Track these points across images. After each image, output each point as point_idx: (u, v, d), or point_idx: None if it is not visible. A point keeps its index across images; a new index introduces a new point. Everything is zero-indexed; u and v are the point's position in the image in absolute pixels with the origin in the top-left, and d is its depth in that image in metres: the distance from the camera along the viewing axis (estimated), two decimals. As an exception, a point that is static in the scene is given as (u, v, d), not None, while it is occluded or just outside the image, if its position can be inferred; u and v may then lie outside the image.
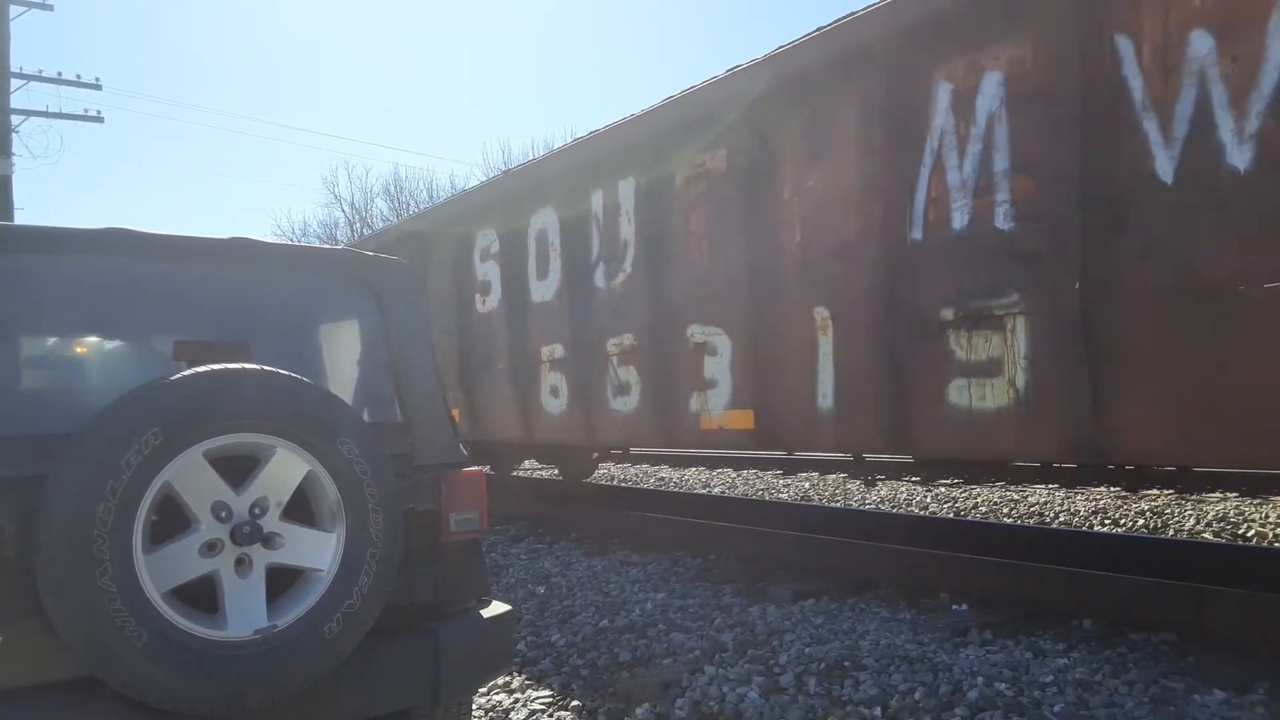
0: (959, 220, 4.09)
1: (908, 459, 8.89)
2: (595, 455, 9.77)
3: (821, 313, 4.72)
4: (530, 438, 7.31)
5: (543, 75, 62.33)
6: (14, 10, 17.19)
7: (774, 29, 59.82)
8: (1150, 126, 3.51)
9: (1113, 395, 3.62)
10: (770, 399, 5.11)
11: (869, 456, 8.33)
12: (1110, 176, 3.58)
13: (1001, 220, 3.94)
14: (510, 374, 7.38)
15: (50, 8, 18.17)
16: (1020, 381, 3.91)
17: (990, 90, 3.97)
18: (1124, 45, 3.59)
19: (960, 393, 4.12)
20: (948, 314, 4.13)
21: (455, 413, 6.07)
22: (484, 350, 7.76)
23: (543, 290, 6.95)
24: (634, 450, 11.30)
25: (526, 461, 16.37)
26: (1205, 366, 3.35)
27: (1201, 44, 3.40)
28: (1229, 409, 3.32)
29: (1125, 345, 3.58)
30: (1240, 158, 3.28)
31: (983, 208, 4.00)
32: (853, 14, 4.59)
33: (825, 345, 4.73)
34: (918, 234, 4.24)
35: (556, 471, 11.50)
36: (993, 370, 4.00)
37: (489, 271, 7.65)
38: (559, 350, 6.78)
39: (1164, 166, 3.47)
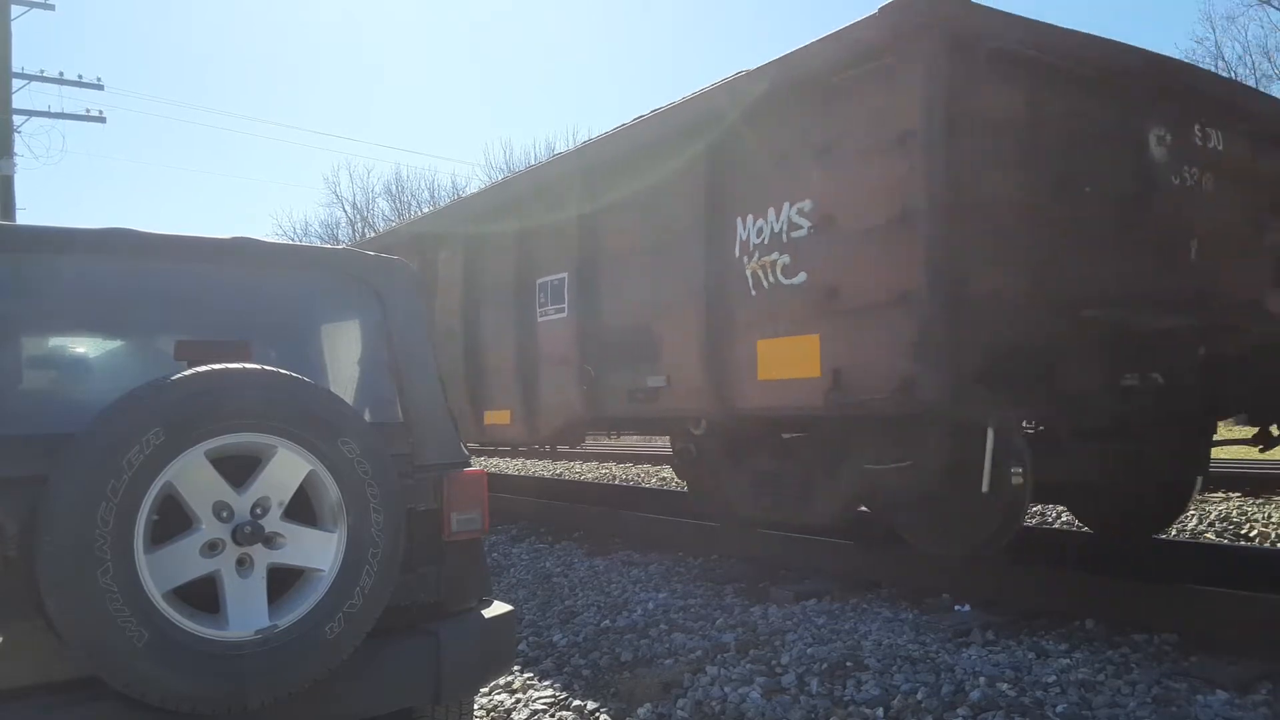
0: None
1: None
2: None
3: None
4: None
5: (546, 75, 62.40)
6: (15, 10, 17.15)
7: (778, 28, 59.84)
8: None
9: (481, 406, 7.71)
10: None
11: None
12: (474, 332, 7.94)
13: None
14: None
15: (52, 7, 18.13)
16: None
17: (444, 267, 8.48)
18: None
19: None
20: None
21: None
22: None
23: None
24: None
25: (526, 461, 16.44)
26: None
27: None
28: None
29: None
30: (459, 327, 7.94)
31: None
32: (419, 217, 11.66)
33: None
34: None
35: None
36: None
37: None
38: None
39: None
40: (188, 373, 2.20)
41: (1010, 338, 4.37)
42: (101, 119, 20.37)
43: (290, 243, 15.90)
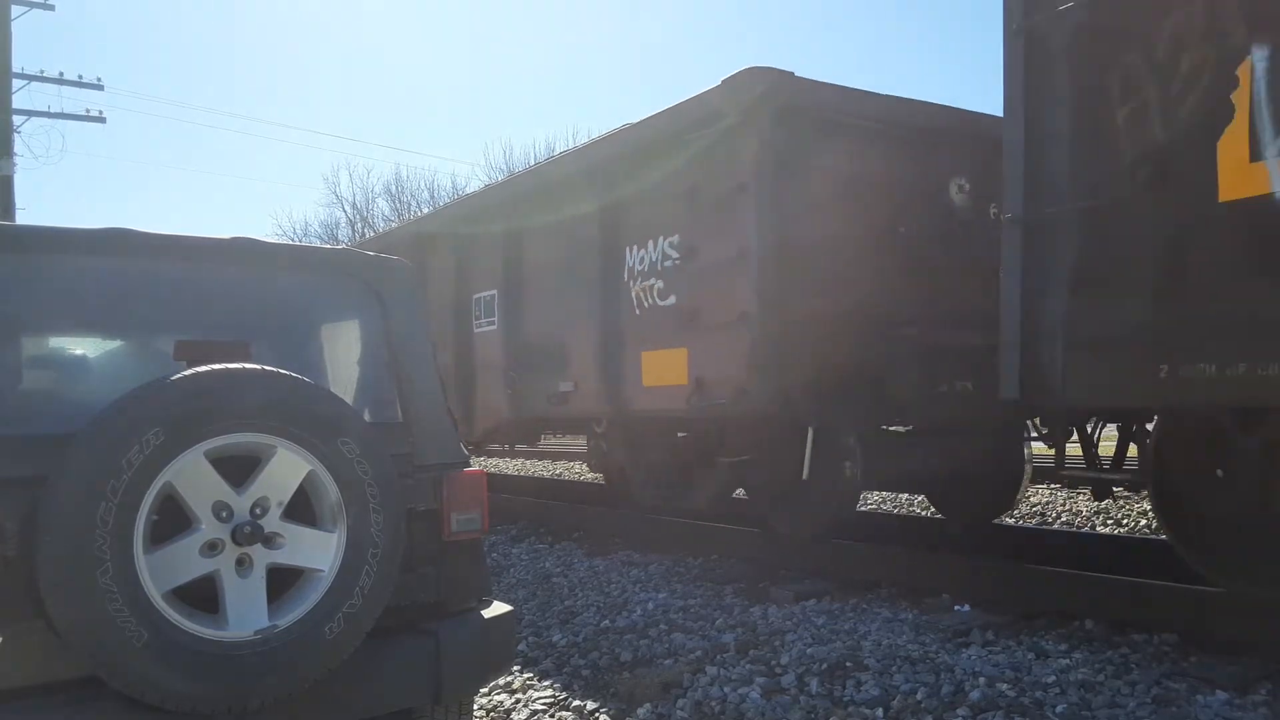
0: None
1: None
2: None
3: None
4: None
5: (546, 75, 62.37)
6: (15, 10, 17.12)
7: (777, 30, 59.79)
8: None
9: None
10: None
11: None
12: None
13: None
14: None
15: (51, 8, 18.12)
16: None
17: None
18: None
19: None
20: None
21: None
22: None
23: None
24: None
25: (526, 461, 16.43)
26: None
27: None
28: None
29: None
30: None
31: None
32: (378, 234, 14.45)
33: None
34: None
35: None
36: None
37: None
38: None
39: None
40: (187, 373, 2.20)
41: (835, 354, 5.30)
42: (101, 119, 20.36)
43: (290, 243, 15.93)
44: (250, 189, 63.77)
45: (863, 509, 8.50)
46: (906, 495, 9.24)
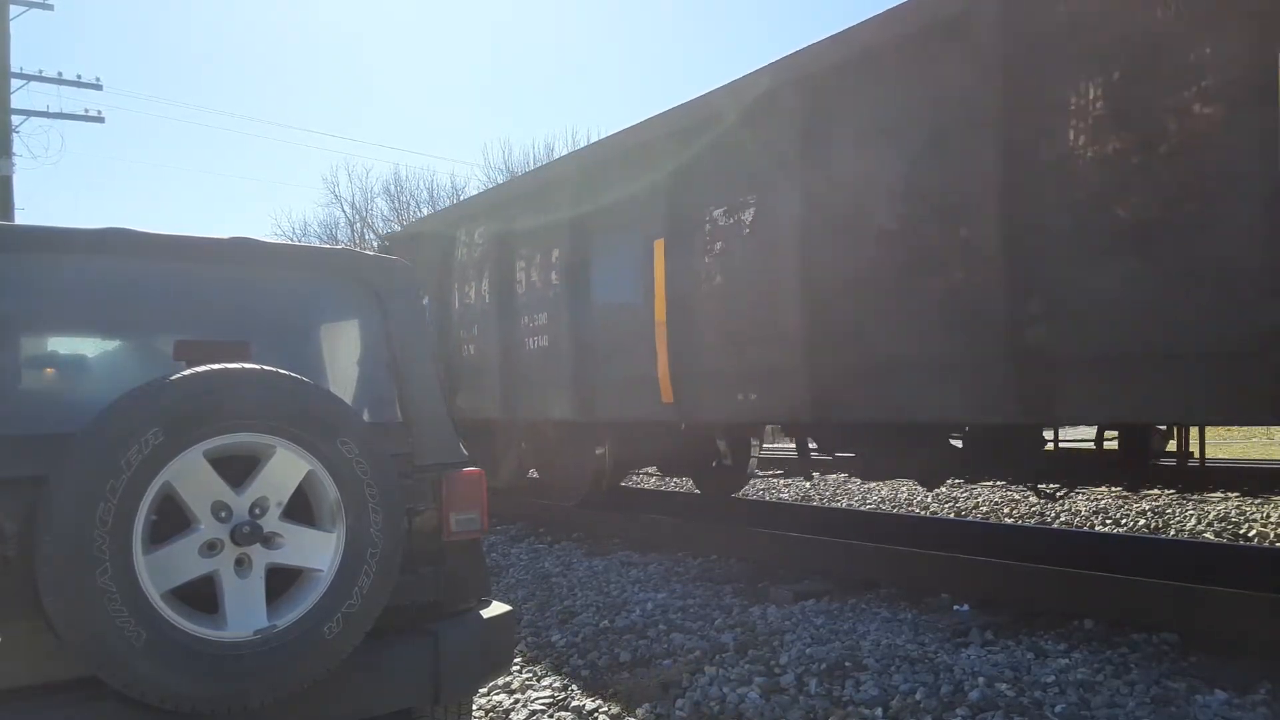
0: None
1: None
2: None
3: None
4: None
5: (546, 75, 62.35)
6: (14, 10, 17.12)
7: (780, 31, 59.79)
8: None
9: None
10: None
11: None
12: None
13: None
14: None
15: (50, 7, 18.10)
16: None
17: None
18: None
19: None
20: None
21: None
22: None
23: None
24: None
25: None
26: None
27: None
28: None
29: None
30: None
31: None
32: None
33: None
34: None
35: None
36: None
37: None
38: None
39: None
40: (187, 373, 2.20)
41: None
42: (100, 119, 20.30)
43: (290, 243, 15.94)
44: (250, 189, 63.69)
45: (863, 509, 8.51)
46: (905, 494, 9.26)
